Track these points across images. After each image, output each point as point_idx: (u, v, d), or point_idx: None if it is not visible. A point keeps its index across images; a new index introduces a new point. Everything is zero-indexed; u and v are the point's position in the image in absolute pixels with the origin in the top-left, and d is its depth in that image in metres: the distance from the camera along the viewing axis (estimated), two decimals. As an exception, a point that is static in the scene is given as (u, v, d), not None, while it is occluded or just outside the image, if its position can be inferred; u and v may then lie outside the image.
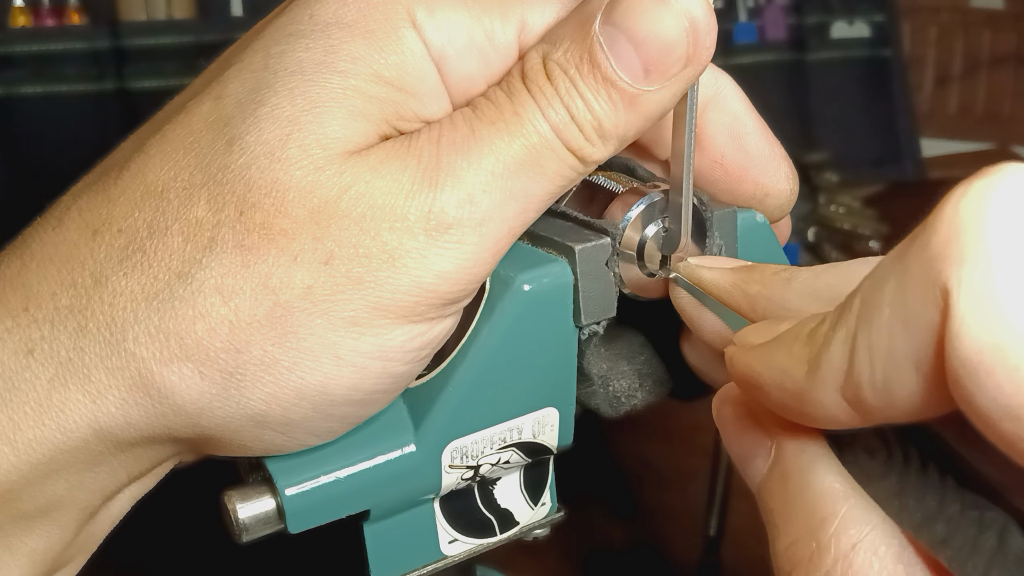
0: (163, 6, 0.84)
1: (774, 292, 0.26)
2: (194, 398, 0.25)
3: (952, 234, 0.17)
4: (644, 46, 0.25)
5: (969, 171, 0.18)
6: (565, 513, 0.34)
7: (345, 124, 0.25)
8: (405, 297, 0.25)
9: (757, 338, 0.23)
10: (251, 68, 0.26)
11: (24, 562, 0.27)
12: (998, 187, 0.17)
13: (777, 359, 0.22)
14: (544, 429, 0.30)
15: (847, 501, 0.22)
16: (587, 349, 0.30)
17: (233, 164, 0.25)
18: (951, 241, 0.17)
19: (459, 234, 0.25)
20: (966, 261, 0.17)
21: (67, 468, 0.26)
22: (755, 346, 0.23)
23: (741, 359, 0.23)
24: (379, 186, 0.25)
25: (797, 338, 0.22)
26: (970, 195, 0.17)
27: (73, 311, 0.25)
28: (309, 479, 0.27)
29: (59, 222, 0.26)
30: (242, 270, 0.24)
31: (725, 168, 0.30)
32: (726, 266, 0.28)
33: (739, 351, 0.23)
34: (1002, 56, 1.05)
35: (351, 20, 0.26)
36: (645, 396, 0.33)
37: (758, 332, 0.24)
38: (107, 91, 0.82)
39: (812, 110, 0.99)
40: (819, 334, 0.21)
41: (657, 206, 0.29)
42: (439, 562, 0.32)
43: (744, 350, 0.23)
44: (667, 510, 0.60)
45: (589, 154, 0.26)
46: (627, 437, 0.65)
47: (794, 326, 0.22)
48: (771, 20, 0.98)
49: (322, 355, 0.25)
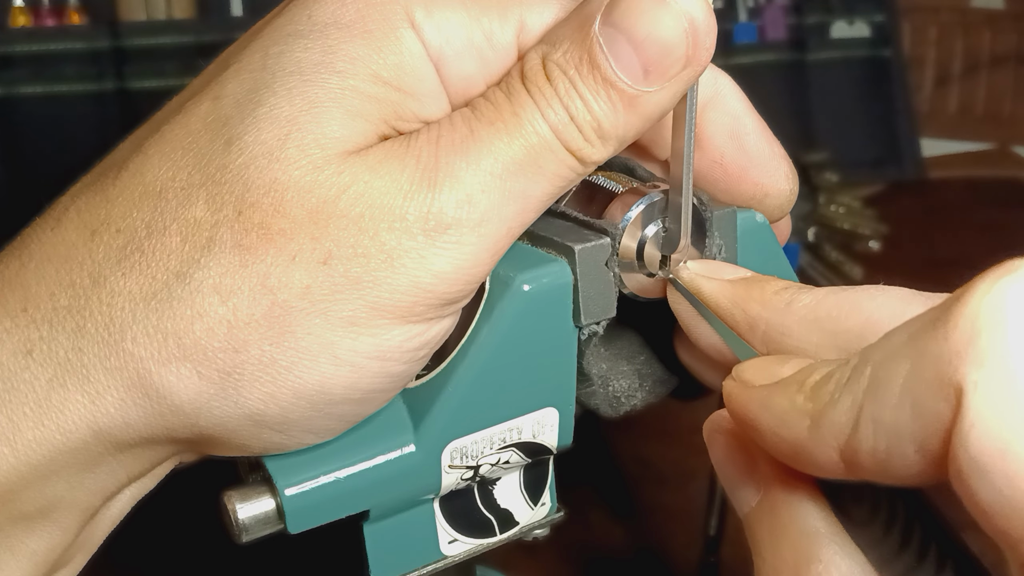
0: (163, 6, 0.84)
1: (774, 316, 0.26)
2: (192, 398, 0.25)
3: (971, 335, 0.18)
4: (643, 47, 0.25)
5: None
6: (565, 513, 0.34)
7: (344, 124, 0.25)
8: (403, 297, 0.25)
9: (757, 377, 0.23)
10: (249, 68, 0.26)
11: (25, 563, 0.27)
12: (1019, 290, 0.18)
13: (777, 406, 0.22)
14: (544, 429, 0.30)
15: (831, 545, 0.23)
16: (587, 349, 0.30)
17: (231, 164, 0.25)
18: (970, 342, 0.18)
19: (458, 234, 0.25)
20: (983, 365, 0.17)
21: (67, 468, 0.26)
22: (755, 387, 0.23)
23: (740, 398, 0.23)
24: (378, 186, 0.25)
25: (800, 389, 0.22)
26: (993, 295, 0.18)
27: (71, 311, 0.25)
28: (309, 479, 0.27)
29: (57, 222, 0.26)
30: (240, 270, 0.24)
31: (724, 168, 0.30)
32: (725, 276, 0.28)
33: (738, 389, 0.24)
34: (1002, 56, 1.05)
35: (349, 20, 0.26)
36: (645, 396, 0.33)
37: (758, 371, 0.24)
38: (107, 91, 0.82)
39: (812, 110, 0.99)
40: (824, 392, 0.21)
41: (657, 206, 0.29)
42: (439, 562, 0.32)
43: (743, 389, 0.23)
44: (667, 510, 0.60)
45: (588, 155, 0.26)
46: (627, 437, 0.65)
47: (796, 373, 0.22)
48: (771, 20, 0.98)
49: (320, 355, 0.25)
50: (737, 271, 0.28)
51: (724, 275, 0.28)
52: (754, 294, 0.27)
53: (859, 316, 0.24)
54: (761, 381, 0.23)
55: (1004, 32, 1.05)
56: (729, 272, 0.28)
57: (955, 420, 0.18)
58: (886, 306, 0.24)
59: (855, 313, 0.24)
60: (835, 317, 0.25)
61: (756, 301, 0.26)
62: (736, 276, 0.28)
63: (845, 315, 0.24)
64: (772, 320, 0.26)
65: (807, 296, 0.26)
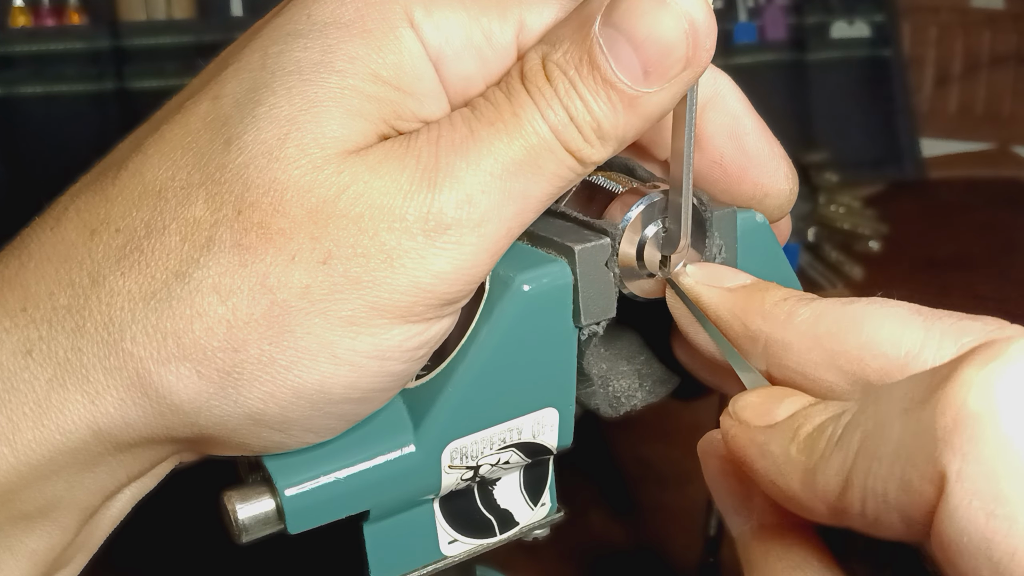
0: (163, 6, 0.84)
1: (775, 330, 0.26)
2: (191, 397, 0.25)
3: (956, 424, 0.19)
4: (643, 48, 0.25)
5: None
6: (565, 513, 0.34)
7: (343, 123, 0.25)
8: (403, 297, 0.25)
9: (754, 417, 0.24)
10: (249, 68, 0.26)
11: (25, 563, 0.27)
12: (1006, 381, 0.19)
13: (772, 453, 0.23)
14: (544, 429, 0.30)
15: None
16: (587, 349, 0.30)
17: (231, 163, 0.25)
18: (955, 431, 0.19)
19: (457, 235, 0.25)
20: (966, 458, 0.18)
21: (66, 468, 0.26)
22: (752, 428, 0.24)
23: (738, 440, 0.24)
24: (377, 186, 0.25)
25: (794, 439, 0.23)
26: (978, 386, 0.19)
27: (71, 311, 0.25)
28: (308, 479, 0.27)
29: (57, 222, 0.26)
30: (240, 269, 0.24)
31: (724, 168, 0.30)
32: (726, 283, 0.28)
33: (736, 429, 0.24)
34: (1002, 56, 1.05)
35: (349, 20, 0.26)
36: (645, 396, 0.33)
37: (755, 411, 0.24)
38: (107, 91, 0.82)
39: (812, 110, 0.99)
40: (816, 448, 0.22)
41: (657, 206, 0.29)
42: (439, 562, 0.32)
43: (741, 430, 0.24)
44: (667, 510, 0.60)
45: (588, 155, 0.26)
46: (627, 437, 0.65)
47: (791, 419, 0.23)
48: (771, 20, 0.97)
49: (319, 354, 0.25)
50: (737, 276, 0.28)
51: (724, 282, 0.28)
52: (755, 304, 0.27)
53: (858, 337, 0.25)
54: (758, 422, 0.24)
55: (1004, 32, 1.05)
56: (729, 278, 0.28)
57: (939, 502, 0.19)
58: (884, 328, 0.24)
59: (854, 333, 0.25)
60: (834, 335, 0.25)
61: (757, 313, 0.27)
62: (736, 283, 0.28)
63: (844, 334, 0.25)
64: (773, 334, 0.26)
65: (807, 309, 0.26)
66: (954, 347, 0.23)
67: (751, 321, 0.27)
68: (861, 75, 1.00)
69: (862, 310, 0.25)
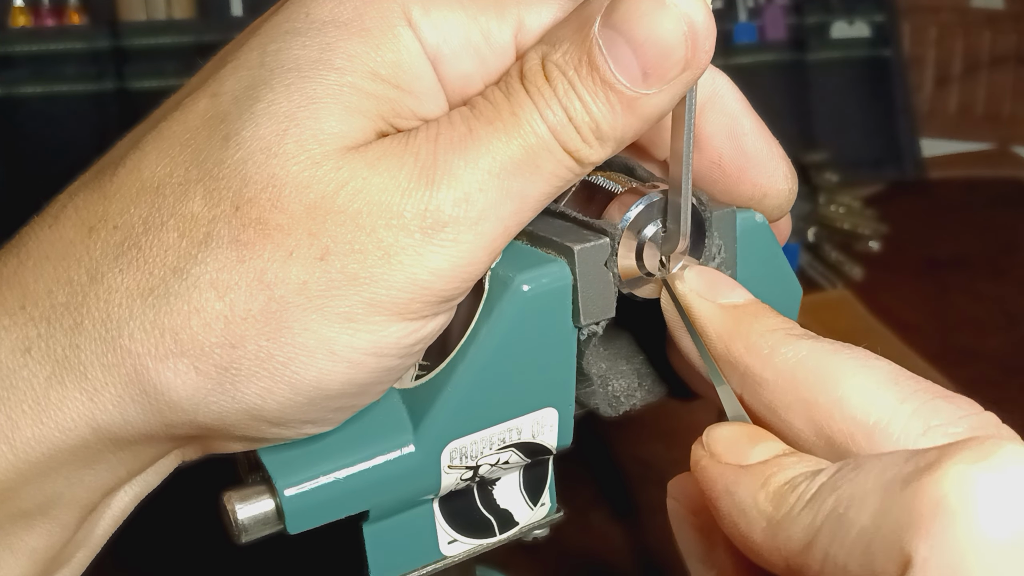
0: (163, 6, 0.84)
1: (754, 363, 0.26)
2: (189, 394, 0.25)
3: (932, 513, 0.19)
4: (643, 49, 0.25)
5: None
6: (565, 513, 0.34)
7: (342, 120, 0.25)
8: (400, 294, 0.25)
9: (727, 453, 0.24)
10: (247, 65, 0.26)
11: (24, 560, 0.27)
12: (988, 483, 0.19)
13: (740, 498, 0.23)
14: (543, 429, 0.30)
15: None
16: (586, 349, 0.30)
17: (229, 160, 0.25)
18: (930, 518, 0.19)
19: (455, 232, 0.25)
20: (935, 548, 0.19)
21: (66, 466, 0.26)
22: (723, 464, 0.24)
23: (707, 472, 0.24)
24: (376, 183, 0.25)
25: (764, 486, 0.23)
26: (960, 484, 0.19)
27: (69, 308, 0.25)
28: (308, 480, 0.27)
29: (55, 219, 0.26)
30: (237, 265, 0.24)
31: (723, 168, 0.30)
32: (719, 296, 0.28)
33: (705, 461, 0.24)
34: (1002, 56, 1.05)
35: (347, 18, 0.26)
36: (644, 395, 0.33)
37: (728, 446, 0.24)
38: (107, 91, 0.82)
39: (812, 110, 0.99)
40: (785, 502, 0.22)
41: (656, 206, 0.29)
42: (439, 562, 0.32)
43: (711, 463, 0.24)
44: (667, 510, 0.60)
45: (586, 156, 0.26)
46: (627, 437, 0.65)
47: (763, 465, 0.23)
48: (771, 20, 0.98)
49: (317, 351, 0.25)
50: (733, 291, 0.28)
51: (719, 295, 0.28)
52: (741, 330, 0.26)
53: (832, 393, 0.24)
54: (730, 459, 0.24)
55: (1004, 32, 1.05)
56: (725, 292, 0.28)
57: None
58: (859, 391, 0.24)
59: (830, 387, 0.24)
60: (810, 385, 0.25)
61: (741, 341, 0.26)
62: (730, 301, 0.27)
63: (820, 385, 0.24)
64: (752, 367, 0.26)
65: (790, 349, 0.25)
66: (921, 428, 0.23)
67: (733, 347, 0.26)
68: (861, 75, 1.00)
69: (842, 365, 0.24)
